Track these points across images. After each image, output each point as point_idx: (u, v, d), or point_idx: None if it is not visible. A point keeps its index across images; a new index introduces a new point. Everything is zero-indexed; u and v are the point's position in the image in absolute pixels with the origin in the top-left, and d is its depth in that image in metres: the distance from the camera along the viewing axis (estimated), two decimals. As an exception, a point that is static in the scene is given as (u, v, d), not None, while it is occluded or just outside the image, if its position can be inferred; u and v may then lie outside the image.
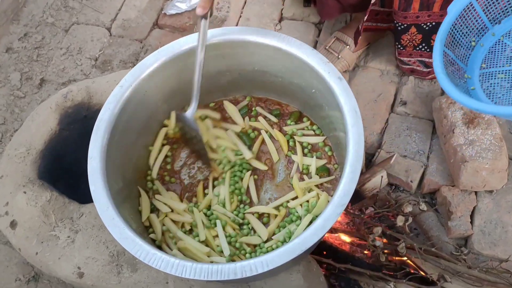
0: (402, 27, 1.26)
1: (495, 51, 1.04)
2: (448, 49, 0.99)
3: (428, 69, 1.36)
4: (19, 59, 1.66)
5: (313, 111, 1.11)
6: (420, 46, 1.31)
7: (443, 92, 1.39)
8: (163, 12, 1.69)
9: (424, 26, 1.24)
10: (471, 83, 1.02)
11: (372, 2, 1.24)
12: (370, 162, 1.33)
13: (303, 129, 1.12)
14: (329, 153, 1.08)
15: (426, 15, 1.21)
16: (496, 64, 1.02)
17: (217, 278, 0.77)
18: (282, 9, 1.64)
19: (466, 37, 1.02)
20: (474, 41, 1.04)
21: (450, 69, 0.99)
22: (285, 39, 0.98)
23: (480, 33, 1.03)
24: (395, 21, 1.27)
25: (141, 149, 1.08)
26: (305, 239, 0.78)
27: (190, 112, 1.00)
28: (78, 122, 1.20)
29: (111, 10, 1.72)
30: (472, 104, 0.87)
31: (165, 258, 0.80)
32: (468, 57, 1.03)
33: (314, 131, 1.11)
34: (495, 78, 1.01)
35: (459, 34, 1.01)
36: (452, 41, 1.00)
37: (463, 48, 1.03)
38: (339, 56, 1.44)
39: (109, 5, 1.73)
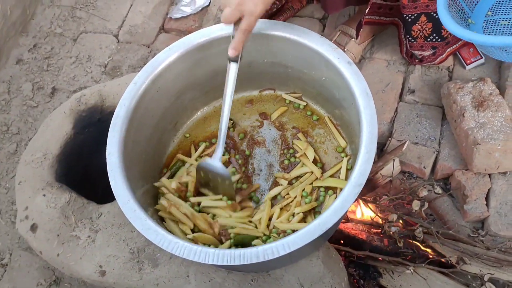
0: (412, 17, 1.26)
1: (503, 1, 1.05)
2: None
3: (434, 50, 1.36)
4: (29, 70, 1.68)
5: (324, 100, 1.12)
6: (431, 37, 1.30)
7: (450, 78, 1.40)
8: (168, 16, 1.71)
9: (434, 15, 1.24)
10: (473, 29, 1.04)
11: None
12: (381, 151, 1.34)
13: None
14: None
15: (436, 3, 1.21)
16: (502, 12, 1.03)
17: (239, 262, 0.78)
18: (285, 7, 1.66)
19: None
20: None
21: (453, 9, 1.01)
22: (293, 29, 0.99)
23: None
24: (404, 15, 1.26)
25: (156, 145, 1.09)
26: (325, 219, 0.79)
27: (217, 158, 1.00)
28: (92, 126, 1.21)
29: (118, 17, 1.75)
30: (466, 34, 0.92)
31: (187, 245, 0.81)
32: (476, 4, 1.04)
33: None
34: (497, 25, 1.02)
35: None
36: None
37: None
38: (345, 49, 1.44)
39: (115, 12, 1.76)
